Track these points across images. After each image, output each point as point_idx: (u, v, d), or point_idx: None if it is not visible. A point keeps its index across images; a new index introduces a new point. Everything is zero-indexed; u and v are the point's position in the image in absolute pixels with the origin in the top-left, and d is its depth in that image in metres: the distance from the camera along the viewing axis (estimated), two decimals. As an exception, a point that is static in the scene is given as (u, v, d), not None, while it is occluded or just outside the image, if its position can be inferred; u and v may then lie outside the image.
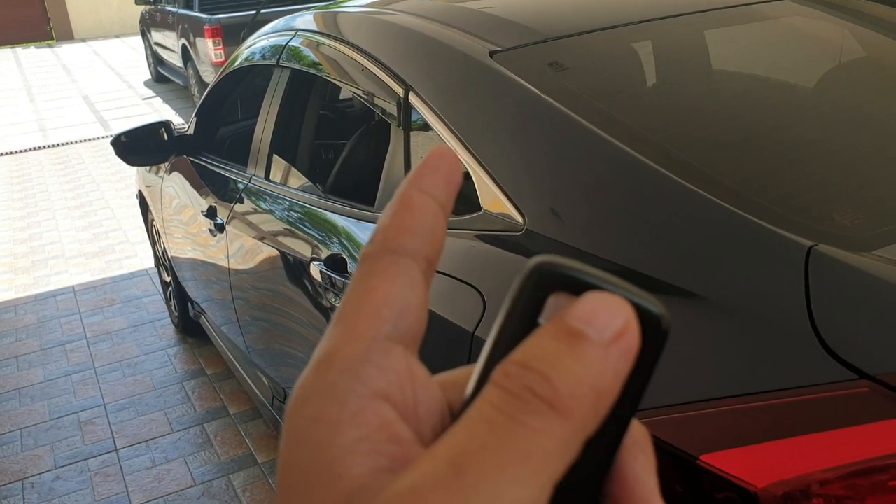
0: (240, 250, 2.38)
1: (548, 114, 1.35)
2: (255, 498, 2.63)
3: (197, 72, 8.23)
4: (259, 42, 2.53)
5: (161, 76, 10.67)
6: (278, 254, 2.09)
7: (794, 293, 0.95)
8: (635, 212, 1.19)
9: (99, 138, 8.17)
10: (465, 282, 1.32)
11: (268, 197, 2.27)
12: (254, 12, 6.71)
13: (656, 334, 0.22)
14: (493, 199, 1.37)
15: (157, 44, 10.20)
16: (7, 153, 7.90)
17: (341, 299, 0.25)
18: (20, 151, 7.94)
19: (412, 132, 1.67)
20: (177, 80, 9.83)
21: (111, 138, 2.90)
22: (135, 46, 14.59)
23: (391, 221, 0.25)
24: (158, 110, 9.23)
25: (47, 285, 4.54)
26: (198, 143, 2.99)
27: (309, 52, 2.15)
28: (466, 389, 0.24)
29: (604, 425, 0.22)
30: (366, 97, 1.84)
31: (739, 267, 1.04)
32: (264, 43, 2.48)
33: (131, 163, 2.98)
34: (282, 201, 2.18)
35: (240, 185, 2.46)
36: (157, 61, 10.59)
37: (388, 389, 0.23)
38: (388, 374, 0.23)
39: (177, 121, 7.87)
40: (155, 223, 3.67)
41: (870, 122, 1.54)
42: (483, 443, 0.20)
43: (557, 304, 0.23)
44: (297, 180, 2.34)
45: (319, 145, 2.71)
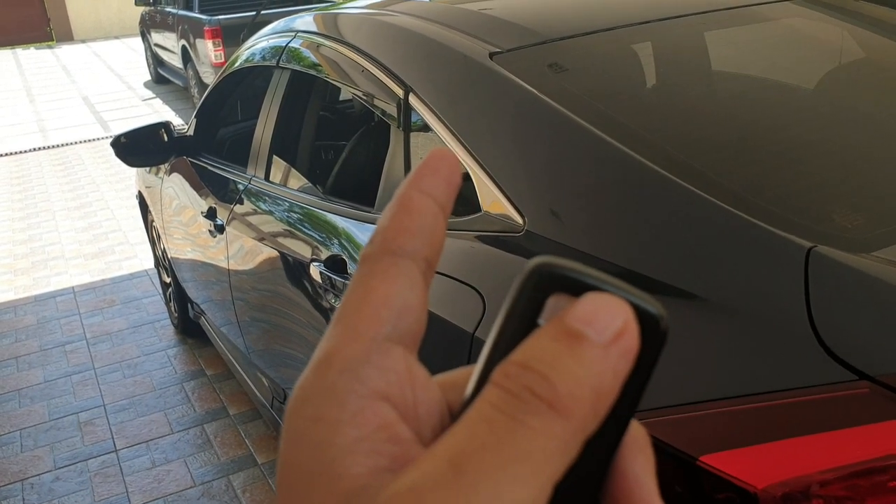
0: (240, 251, 2.38)
1: (547, 115, 1.35)
2: (255, 498, 2.63)
3: (197, 73, 8.23)
4: (259, 43, 2.53)
5: (161, 77, 10.67)
6: (278, 255, 2.09)
7: (794, 294, 0.95)
8: (635, 213, 1.19)
9: (99, 139, 8.17)
10: (464, 283, 1.32)
11: (268, 198, 2.27)
12: (254, 13, 6.71)
13: (655, 335, 0.23)
14: (492, 201, 1.38)
15: (156, 45, 10.20)
16: (7, 154, 7.90)
17: (341, 300, 0.25)
18: (20, 152, 7.94)
19: (412, 133, 1.67)
20: (177, 82, 9.84)
21: (111, 139, 2.90)
22: (135, 47, 14.60)
23: (391, 222, 0.25)
24: (158, 111, 9.23)
25: (47, 286, 4.54)
26: (198, 144, 2.99)
27: (309, 54, 2.15)
28: (466, 390, 0.24)
29: (603, 425, 0.22)
30: (366, 98, 1.85)
31: (739, 268, 1.04)
32: (264, 44, 2.48)
33: (131, 164, 2.98)
34: (282, 202, 2.18)
35: (240, 186, 2.47)
36: (156, 62, 10.59)
37: (387, 390, 0.23)
38: (388, 375, 0.23)
39: (176, 122, 7.87)
40: (155, 224, 3.67)
41: (869, 123, 1.54)
42: (483, 442, 0.20)
43: (557, 304, 0.23)
44: (297, 181, 2.34)
45: (319, 146, 2.71)
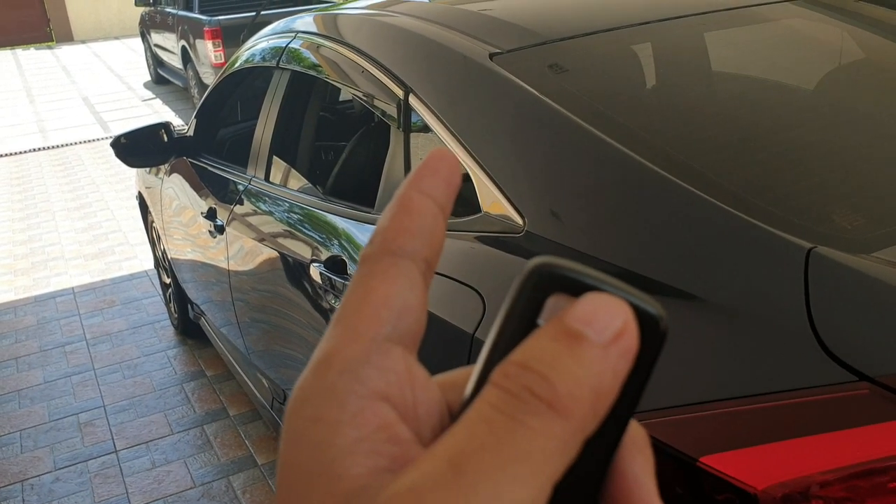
0: (239, 252, 2.38)
1: (547, 116, 1.35)
2: (255, 499, 2.63)
3: (197, 73, 8.24)
4: (259, 44, 2.53)
5: (161, 78, 10.67)
6: (278, 255, 2.09)
7: (794, 295, 0.95)
8: (635, 214, 1.19)
9: (99, 140, 8.17)
10: (464, 283, 1.32)
11: (268, 198, 2.27)
12: (254, 14, 6.71)
13: (655, 335, 0.23)
14: (492, 201, 1.38)
15: (156, 45, 10.20)
16: (7, 154, 7.90)
17: (341, 300, 0.25)
18: (20, 153, 7.94)
19: (412, 134, 1.67)
20: (176, 82, 9.84)
21: (111, 140, 2.90)
22: (134, 48, 14.60)
23: (390, 223, 0.25)
24: (158, 112, 9.23)
25: (47, 287, 4.54)
26: (198, 145, 2.99)
27: (309, 54, 2.16)
28: (465, 390, 0.24)
29: (603, 425, 0.22)
30: (366, 99, 1.85)
31: (739, 269, 1.04)
32: (264, 45, 2.48)
33: (131, 164, 2.98)
34: (282, 203, 2.18)
35: (240, 187, 2.47)
36: (156, 63, 10.59)
37: (387, 390, 0.23)
38: (388, 375, 0.23)
39: (176, 122, 7.87)
40: (155, 225, 3.67)
41: (869, 124, 1.54)
42: (482, 443, 0.20)
43: (556, 305, 0.23)
44: (297, 182, 2.34)
45: (319, 147, 2.71)
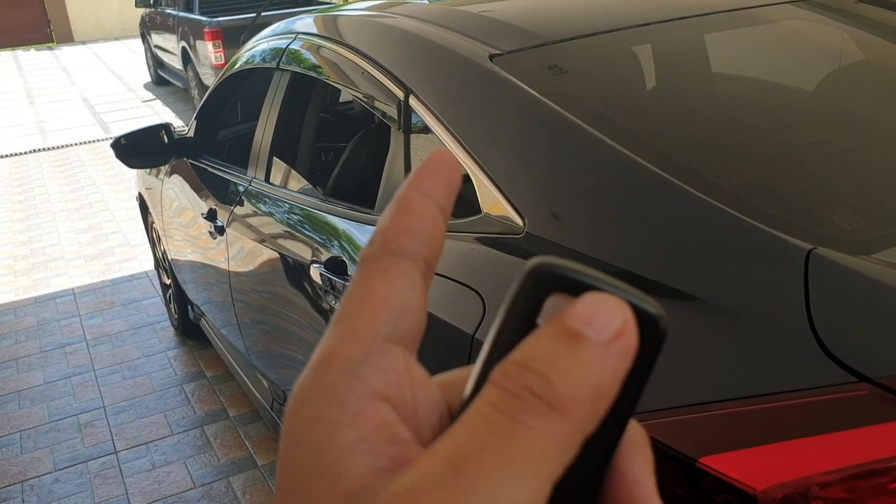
0: (240, 253, 2.38)
1: (547, 117, 1.35)
2: (255, 500, 2.62)
3: (197, 74, 8.24)
4: (259, 45, 2.53)
5: (161, 79, 10.67)
6: (278, 256, 2.09)
7: (794, 296, 0.95)
8: (635, 215, 1.19)
9: (99, 141, 8.17)
10: (465, 284, 1.32)
11: (268, 199, 2.27)
12: (254, 15, 6.72)
13: (654, 334, 0.23)
14: (492, 202, 1.38)
15: (157, 46, 10.20)
16: (7, 155, 7.90)
17: (341, 301, 0.25)
18: (20, 154, 7.94)
19: (412, 135, 1.67)
20: (177, 83, 9.84)
21: (111, 141, 2.90)
22: (135, 49, 14.60)
23: (391, 223, 0.25)
24: (158, 113, 9.24)
25: (47, 287, 4.54)
26: (198, 146, 2.99)
27: (309, 56, 2.16)
28: (465, 390, 0.24)
29: (602, 425, 0.22)
30: (366, 100, 1.85)
31: (739, 270, 1.04)
32: (264, 46, 2.48)
33: (131, 165, 2.98)
34: (282, 204, 2.18)
35: (240, 188, 2.47)
36: (157, 64, 10.59)
37: (387, 390, 0.23)
38: (388, 375, 0.23)
39: (177, 123, 7.88)
40: (155, 226, 3.67)
41: (869, 126, 1.54)
42: (482, 442, 0.20)
43: (556, 304, 0.23)
44: (298, 183, 2.34)
45: (319, 148, 2.71)
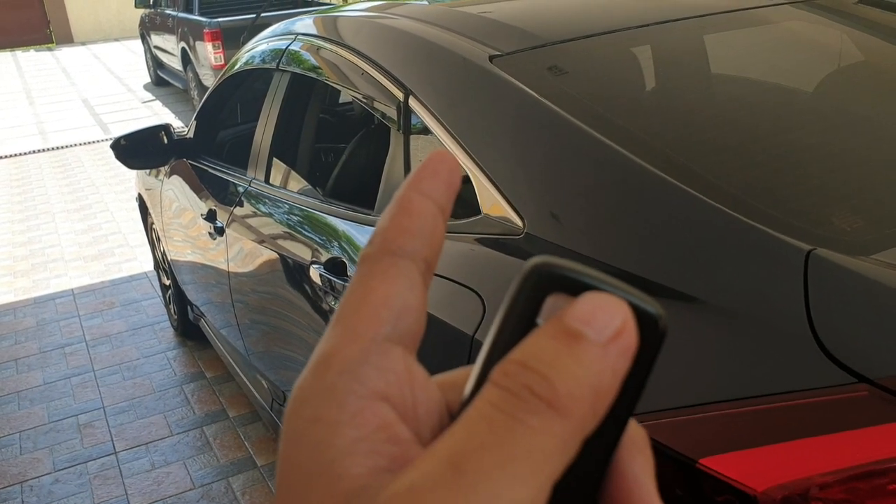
0: (239, 253, 2.38)
1: (547, 118, 1.35)
2: (255, 501, 2.62)
3: (196, 75, 8.24)
4: (259, 46, 2.53)
5: (161, 79, 10.67)
6: (278, 257, 2.09)
7: (794, 297, 0.95)
8: (635, 216, 1.19)
9: (98, 142, 8.17)
10: (464, 285, 1.32)
11: (267, 200, 2.27)
12: (254, 16, 6.72)
13: (654, 334, 0.23)
14: (492, 203, 1.38)
15: (156, 47, 10.20)
16: (7, 156, 7.90)
17: (340, 301, 0.25)
18: (20, 154, 7.94)
19: (412, 136, 1.67)
20: (176, 84, 9.84)
21: (111, 142, 2.90)
22: (134, 50, 14.60)
23: (390, 223, 0.25)
24: (158, 114, 9.24)
25: (46, 288, 4.54)
26: (198, 147, 2.99)
27: (309, 56, 2.16)
28: (465, 389, 0.24)
29: (602, 425, 0.22)
30: (366, 101, 1.85)
31: (738, 271, 1.04)
32: (264, 47, 2.48)
33: (131, 166, 2.98)
34: (281, 205, 2.18)
35: (239, 189, 2.47)
36: (156, 65, 10.59)
37: (387, 390, 0.23)
38: (387, 375, 0.23)
39: (176, 124, 7.87)
40: (154, 226, 3.67)
41: (868, 126, 1.54)
42: (482, 442, 0.20)
43: (555, 304, 0.23)
44: (297, 184, 2.34)
45: (319, 149, 2.71)
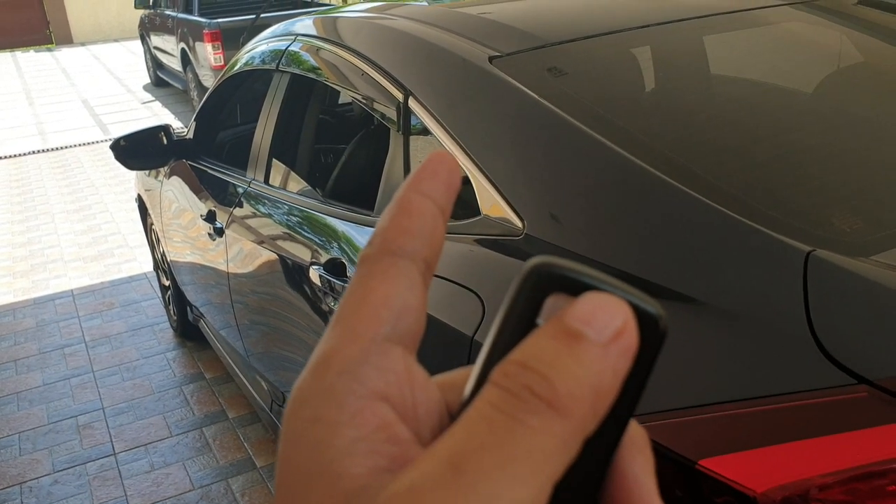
0: (239, 254, 2.38)
1: (547, 118, 1.35)
2: (254, 502, 2.62)
3: (196, 76, 8.24)
4: (259, 47, 2.53)
5: (160, 80, 10.67)
6: (277, 258, 2.09)
7: (793, 298, 0.95)
8: (634, 216, 1.19)
9: (98, 142, 8.17)
10: (464, 286, 1.32)
11: (267, 201, 2.27)
12: (253, 17, 6.72)
13: (654, 334, 0.23)
14: (492, 204, 1.38)
15: (156, 48, 10.20)
16: (6, 157, 7.90)
17: (340, 301, 0.25)
18: (19, 155, 7.94)
19: (411, 137, 1.67)
20: (176, 84, 9.84)
21: (110, 142, 2.90)
22: (134, 50, 14.61)
23: (390, 224, 0.25)
24: (158, 114, 9.24)
25: (46, 289, 4.54)
26: (197, 148, 2.99)
27: (308, 57, 2.16)
28: (465, 390, 0.24)
29: (602, 425, 0.22)
30: (365, 102, 1.85)
31: (738, 272, 1.04)
32: (264, 47, 2.48)
33: (131, 167, 2.98)
34: (281, 205, 2.18)
35: (239, 190, 2.47)
36: (156, 65, 10.60)
37: (386, 390, 0.23)
38: (387, 375, 0.23)
39: (176, 125, 7.87)
40: (154, 227, 3.67)
41: (868, 128, 1.54)
42: (482, 442, 0.20)
43: (556, 304, 0.23)
44: (297, 184, 2.34)
45: (319, 150, 2.71)
